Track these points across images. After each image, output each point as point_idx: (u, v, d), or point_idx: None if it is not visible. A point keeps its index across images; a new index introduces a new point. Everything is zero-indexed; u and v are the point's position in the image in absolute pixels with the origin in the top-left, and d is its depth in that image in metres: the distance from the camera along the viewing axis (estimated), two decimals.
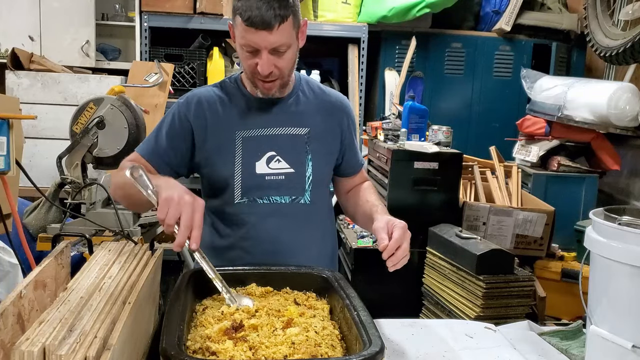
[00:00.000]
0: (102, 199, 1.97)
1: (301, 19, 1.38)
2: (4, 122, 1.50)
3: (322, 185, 1.52)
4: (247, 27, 1.28)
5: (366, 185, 1.62)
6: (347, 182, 1.63)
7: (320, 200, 1.51)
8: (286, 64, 1.36)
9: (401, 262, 1.22)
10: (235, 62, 3.80)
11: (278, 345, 0.97)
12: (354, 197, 1.59)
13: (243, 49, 1.33)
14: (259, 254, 1.43)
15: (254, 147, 1.43)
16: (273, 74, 1.35)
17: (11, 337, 0.84)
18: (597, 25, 3.18)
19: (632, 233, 1.09)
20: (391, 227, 1.26)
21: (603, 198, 3.31)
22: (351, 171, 1.61)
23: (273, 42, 1.29)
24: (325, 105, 1.52)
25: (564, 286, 2.61)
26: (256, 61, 1.32)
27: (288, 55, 1.34)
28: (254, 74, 1.36)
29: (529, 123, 3.34)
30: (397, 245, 1.22)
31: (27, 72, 3.34)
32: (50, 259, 1.06)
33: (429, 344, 1.32)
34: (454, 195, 2.60)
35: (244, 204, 1.44)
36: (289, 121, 1.46)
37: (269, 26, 1.26)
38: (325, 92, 1.56)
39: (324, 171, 1.51)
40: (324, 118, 1.50)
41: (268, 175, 1.43)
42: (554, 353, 1.36)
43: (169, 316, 0.98)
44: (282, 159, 1.44)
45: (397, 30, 3.76)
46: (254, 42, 1.29)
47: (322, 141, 1.49)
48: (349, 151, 1.57)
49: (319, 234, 1.53)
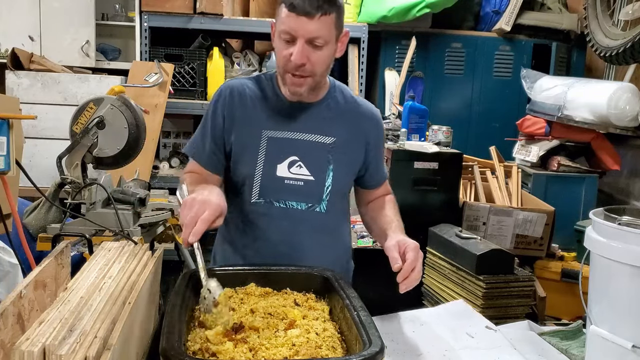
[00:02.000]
0: (102, 199, 1.97)
1: (344, 26, 1.37)
2: (4, 122, 1.50)
3: (340, 195, 1.51)
4: (289, 12, 1.28)
5: (387, 198, 1.59)
6: (368, 193, 1.61)
7: (336, 209, 1.50)
8: (320, 60, 1.34)
9: (414, 284, 1.24)
10: (235, 62, 3.80)
11: (278, 347, 0.97)
12: (372, 210, 1.58)
13: (280, 37, 1.32)
14: (271, 256, 1.43)
15: (277, 149, 1.43)
16: (305, 68, 1.33)
17: (11, 337, 0.84)
18: (597, 25, 3.18)
19: (632, 233, 1.09)
20: (403, 247, 1.28)
21: (603, 198, 3.31)
22: (373, 184, 1.59)
23: (311, 32, 1.28)
24: (354, 115, 1.50)
25: (564, 286, 2.61)
26: (291, 51, 1.31)
27: (324, 52, 1.33)
28: (286, 67, 1.34)
29: (529, 123, 3.34)
30: (411, 267, 1.24)
31: (27, 72, 3.34)
32: (50, 259, 1.06)
33: (429, 343, 1.32)
34: (454, 195, 2.60)
35: (260, 204, 1.44)
36: (316, 128, 1.45)
37: (309, 14, 1.26)
38: (357, 103, 1.53)
39: (344, 182, 1.50)
40: (351, 129, 1.48)
41: (287, 180, 1.43)
42: (554, 353, 1.36)
43: (169, 316, 0.98)
44: (303, 165, 1.43)
45: (397, 30, 3.76)
46: (292, 29, 1.29)
47: (346, 152, 1.47)
48: (373, 164, 1.54)
49: (332, 241, 1.52)
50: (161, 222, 2.30)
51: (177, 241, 2.62)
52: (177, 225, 2.58)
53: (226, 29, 3.65)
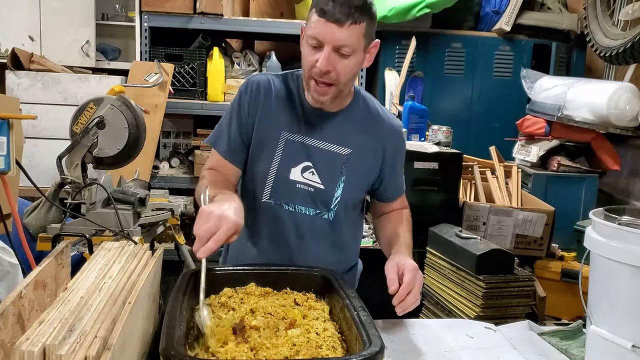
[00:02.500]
0: (102, 199, 1.97)
1: (374, 37, 1.36)
2: (4, 122, 1.50)
3: (350, 206, 1.50)
4: (319, 17, 1.26)
5: (402, 213, 1.58)
6: (383, 206, 1.59)
7: (345, 218, 1.48)
8: (346, 70, 1.31)
9: (411, 307, 1.22)
10: (235, 62, 3.79)
11: (279, 346, 0.97)
12: (384, 223, 1.57)
13: (308, 42, 1.31)
14: (275, 257, 1.43)
15: (293, 153, 1.42)
16: (330, 76, 1.31)
17: (11, 337, 0.84)
18: (597, 25, 3.18)
19: (632, 233, 1.09)
20: (401, 269, 1.26)
21: (603, 198, 3.31)
22: (388, 197, 1.57)
23: (339, 39, 1.26)
24: (374, 127, 1.48)
25: (564, 286, 2.61)
26: (317, 57, 1.29)
27: (350, 61, 1.31)
28: (310, 73, 1.33)
29: (529, 123, 3.33)
30: (407, 290, 1.21)
31: (27, 72, 3.34)
32: (50, 259, 1.06)
33: (429, 343, 1.32)
34: (454, 195, 2.60)
35: (269, 204, 1.44)
36: (334, 138, 1.44)
37: (339, 21, 1.25)
38: (379, 115, 1.50)
39: (354, 194, 1.48)
40: (368, 141, 1.47)
41: (299, 184, 1.42)
42: (554, 353, 1.36)
43: (169, 316, 0.98)
44: (316, 172, 1.43)
45: (397, 30, 3.75)
46: (320, 35, 1.27)
47: (360, 164, 1.46)
48: (388, 177, 1.52)
49: (337, 250, 1.51)
50: (161, 222, 2.30)
51: (177, 241, 2.62)
52: (177, 225, 2.58)
53: (226, 29, 3.65)
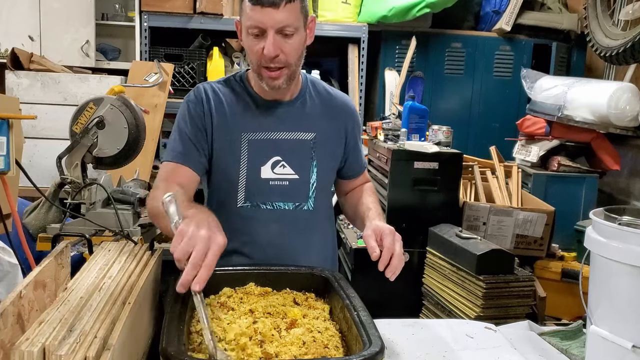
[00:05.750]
0: (102, 199, 1.97)
1: (309, 11, 1.36)
2: (4, 122, 1.50)
3: (325, 191, 1.51)
4: (254, 6, 1.27)
5: (366, 186, 1.60)
6: (348, 184, 1.61)
7: (322, 205, 1.49)
8: (293, 49, 1.33)
9: (399, 268, 1.19)
10: (235, 62, 3.79)
11: (287, 345, 0.97)
12: (352, 199, 1.58)
13: (249, 33, 1.31)
14: (260, 259, 1.42)
15: (259, 151, 1.41)
16: (279, 59, 1.32)
17: (11, 337, 0.84)
18: (597, 25, 3.17)
19: (632, 233, 1.09)
20: (379, 234, 1.23)
21: (603, 198, 3.31)
22: (352, 174, 1.59)
23: (279, 21, 1.27)
24: (331, 109, 1.50)
25: (564, 286, 2.61)
26: (262, 45, 1.30)
27: (295, 40, 1.32)
28: (259, 63, 1.33)
29: (529, 123, 3.33)
30: (389, 253, 1.18)
31: (27, 72, 3.34)
32: (50, 259, 1.06)
33: (429, 344, 1.32)
34: (454, 195, 2.60)
35: (247, 208, 1.42)
36: (296, 125, 1.44)
37: (275, 4, 1.26)
38: (332, 95, 1.53)
39: (327, 177, 1.50)
40: (329, 122, 1.48)
41: (272, 181, 1.42)
42: (554, 353, 1.36)
43: (169, 316, 0.97)
44: (287, 164, 1.42)
45: (397, 30, 3.75)
46: (260, 22, 1.28)
47: (327, 146, 1.47)
48: (352, 155, 1.55)
49: (320, 238, 1.52)
50: None
51: None
52: None
53: (226, 29, 3.65)
